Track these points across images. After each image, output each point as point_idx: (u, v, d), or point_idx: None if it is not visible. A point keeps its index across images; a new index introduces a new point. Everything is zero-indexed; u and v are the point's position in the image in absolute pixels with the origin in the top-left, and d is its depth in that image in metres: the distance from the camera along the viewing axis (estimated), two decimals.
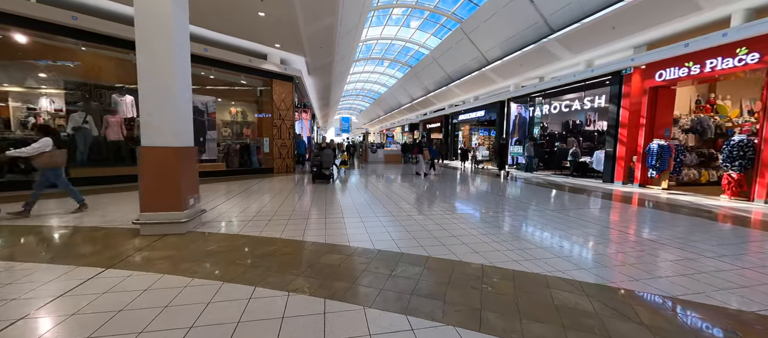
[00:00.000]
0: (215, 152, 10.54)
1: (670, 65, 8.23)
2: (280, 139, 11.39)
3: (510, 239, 3.79)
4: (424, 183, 9.49)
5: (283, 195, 6.63)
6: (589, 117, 16.34)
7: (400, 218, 4.77)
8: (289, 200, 6.10)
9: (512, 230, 4.26)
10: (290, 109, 11.59)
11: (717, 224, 4.86)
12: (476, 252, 3.32)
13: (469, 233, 4.02)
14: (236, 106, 13.22)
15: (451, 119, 22.64)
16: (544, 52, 11.46)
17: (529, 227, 4.47)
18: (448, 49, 16.65)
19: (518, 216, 5.18)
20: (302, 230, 4.04)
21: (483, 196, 7.20)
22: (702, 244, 3.72)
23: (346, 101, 44.85)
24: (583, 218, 5.05)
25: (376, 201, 6.12)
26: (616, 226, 4.63)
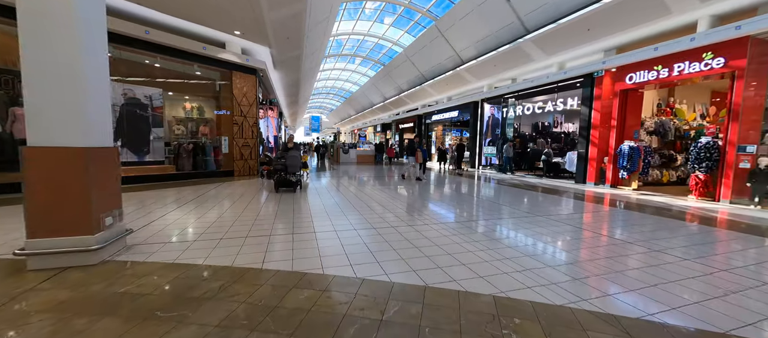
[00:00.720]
0: (162, 153, 9.14)
1: (640, 68, 8.40)
2: (241, 139, 10.20)
3: (510, 253, 3.28)
4: (407, 187, 8.91)
5: (242, 204, 5.65)
6: (557, 119, 16.88)
7: (383, 231, 4.09)
8: (249, 211, 5.16)
9: (510, 242, 3.77)
10: (253, 105, 10.44)
11: (715, 229, 4.78)
12: (479, 275, 2.74)
13: (466, 249, 3.45)
14: (192, 101, 11.76)
15: (425, 119, 22.41)
16: (519, 52, 11.42)
17: (529, 238, 4.01)
18: (423, 47, 16.29)
19: (513, 225, 4.74)
20: (263, 253, 3.22)
21: (468, 201, 6.76)
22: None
23: (316, 99, 43.29)
24: (583, 227, 4.72)
25: (353, 211, 5.39)
26: (621, 237, 4.34)
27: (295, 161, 6.98)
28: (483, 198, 7.09)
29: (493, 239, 3.88)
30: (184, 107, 12.02)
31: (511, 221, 4.89)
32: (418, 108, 23.30)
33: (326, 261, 3.02)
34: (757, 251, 3.62)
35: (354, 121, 44.34)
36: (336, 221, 4.58)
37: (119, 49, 8.07)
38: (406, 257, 3.17)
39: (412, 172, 10.63)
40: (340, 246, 3.46)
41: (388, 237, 3.84)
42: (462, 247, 3.51)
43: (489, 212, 5.55)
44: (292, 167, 6.92)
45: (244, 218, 4.63)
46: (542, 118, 16.77)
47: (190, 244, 3.43)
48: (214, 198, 6.26)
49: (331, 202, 6.05)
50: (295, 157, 6.99)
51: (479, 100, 15.86)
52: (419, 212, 5.41)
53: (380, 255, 3.20)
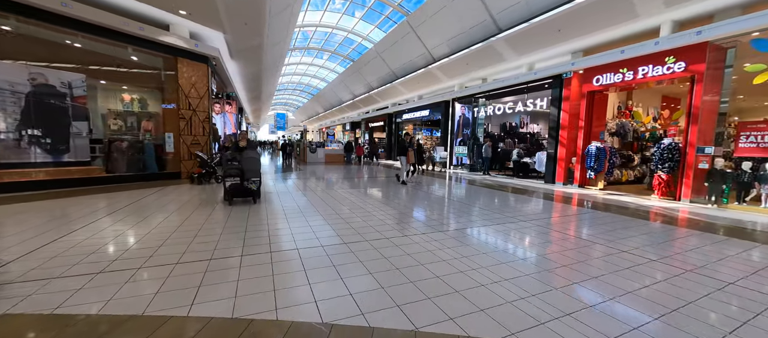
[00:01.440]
0: (87, 151, 7.63)
1: (607, 71, 8.56)
2: (190, 136, 8.91)
3: (507, 273, 2.80)
4: (384, 191, 8.28)
5: (181, 217, 4.64)
6: (523, 119, 17.32)
7: (358, 248, 3.43)
8: (188, 227, 4.18)
9: (504, 257, 3.31)
10: (204, 98, 9.18)
11: (685, 230, 4.73)
12: (479, 307, 2.20)
13: (456, 269, 2.91)
14: (131, 92, 10.15)
15: (395, 118, 21.99)
16: (491, 51, 11.31)
17: (527, 252, 3.58)
18: (393, 43, 15.78)
19: (503, 235, 4.31)
20: (194, 289, 2.40)
21: (449, 206, 6.31)
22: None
23: (281, 96, 41.19)
24: (586, 237, 4.42)
25: (321, 221, 4.65)
26: (623, 244, 4.08)
27: (253, 164, 5.53)
28: (461, 201, 6.70)
29: (484, 253, 3.39)
30: (122, 99, 10.41)
31: (501, 230, 4.48)
32: (389, 106, 22.84)
33: (283, 298, 2.29)
34: (715, 247, 3.51)
35: (322, 119, 42.89)
36: (300, 236, 3.83)
37: (26, 23, 6.53)
38: (387, 284, 2.54)
39: (407, 173, 9.71)
40: (302, 274, 2.73)
41: (365, 256, 3.19)
42: (451, 267, 2.96)
43: (472, 217, 5.12)
44: (250, 172, 5.52)
45: (179, 237, 3.70)
46: (510, 119, 17.11)
47: (89, 280, 2.50)
48: (147, 208, 5.15)
49: (295, 211, 5.25)
50: (254, 159, 5.56)
51: (450, 100, 15.72)
52: (400, 221, 4.82)
53: (354, 284, 2.54)
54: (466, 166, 15.06)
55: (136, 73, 9.32)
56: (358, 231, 4.09)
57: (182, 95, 8.63)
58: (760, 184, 6.25)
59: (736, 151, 6.65)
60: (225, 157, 5.50)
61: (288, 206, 5.49)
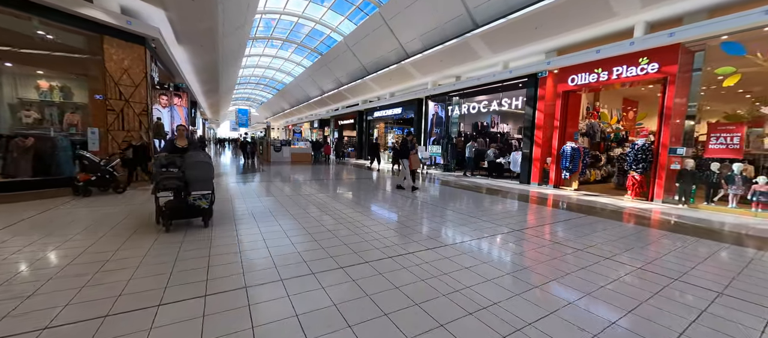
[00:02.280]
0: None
1: (582, 70, 8.50)
2: (123, 131, 7.41)
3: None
4: (359, 193, 7.45)
5: (78, 248, 3.45)
6: (494, 119, 17.41)
7: (342, 295, 2.62)
8: (75, 271, 3.05)
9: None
10: (142, 86, 7.71)
11: (664, 232, 4.51)
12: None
13: (479, 304, 2.23)
14: (50, 78, 8.34)
15: (366, 116, 21.20)
16: (466, 48, 10.95)
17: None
18: (365, 36, 14.96)
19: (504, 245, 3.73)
20: None
21: (423, 211, 5.68)
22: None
23: (243, 90, 38.47)
24: (596, 251, 3.96)
25: (295, 258, 3.75)
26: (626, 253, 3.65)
27: (202, 171, 3.89)
28: (442, 205, 6.12)
29: (485, 262, 2.76)
30: (38, 86, 8.56)
31: (504, 242, 3.90)
32: (359, 103, 21.99)
33: None
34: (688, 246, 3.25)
35: (288, 116, 40.79)
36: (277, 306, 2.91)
37: None
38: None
39: (406, 181, 7.96)
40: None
41: (348, 296, 2.39)
42: (475, 301, 2.27)
43: (457, 223, 4.53)
44: (197, 183, 3.87)
45: (73, 276, 2.60)
46: (481, 118, 17.13)
47: None
48: (36, 231, 3.85)
49: (259, 244, 4.27)
50: (203, 165, 3.93)
51: (424, 97, 15.28)
52: (383, 235, 4.06)
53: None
54: (439, 166, 14.71)
55: (54, 56, 7.61)
56: (341, 265, 3.26)
57: (110, 82, 7.12)
58: (727, 185, 6.39)
59: (706, 152, 6.77)
60: (158, 162, 3.90)
61: (253, 238, 4.41)
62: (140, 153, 7.07)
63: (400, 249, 3.48)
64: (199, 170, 3.92)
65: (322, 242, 3.61)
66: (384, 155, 18.89)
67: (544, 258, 3.33)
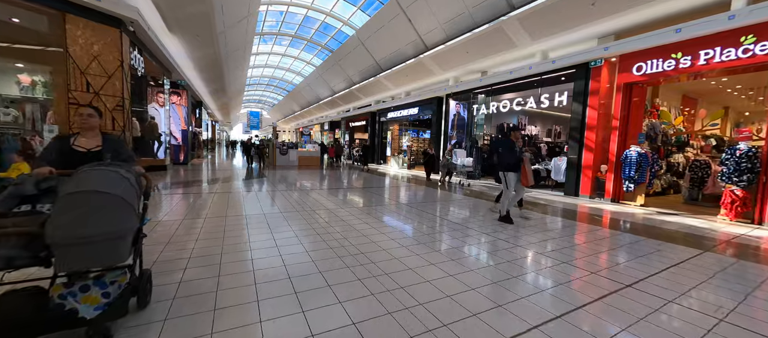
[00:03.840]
0: None
1: (654, 56, 6.76)
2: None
3: None
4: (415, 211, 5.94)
5: None
6: (521, 120, 15.65)
7: None
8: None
9: None
10: (117, 78, 6.46)
11: None
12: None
13: None
14: (33, 73, 7.43)
15: (379, 117, 19.76)
16: (499, 35, 9.32)
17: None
18: (379, 28, 13.55)
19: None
20: None
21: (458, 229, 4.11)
22: None
23: (254, 91, 37.86)
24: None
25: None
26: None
27: (95, 217, 1.57)
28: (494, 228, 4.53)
29: None
30: (19, 81, 7.57)
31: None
32: (372, 104, 20.59)
33: None
34: None
35: (298, 118, 39.92)
36: None
37: None
38: None
39: (505, 203, 5.02)
40: None
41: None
42: None
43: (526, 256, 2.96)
44: (75, 247, 1.53)
45: None
46: (506, 119, 15.40)
47: None
48: None
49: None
50: (97, 198, 1.60)
51: (444, 96, 13.71)
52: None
53: None
54: (461, 173, 13.04)
55: (34, 48, 6.57)
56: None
57: (75, 71, 5.87)
58: None
59: None
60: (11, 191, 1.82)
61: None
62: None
63: (421, 260, 1.94)
64: (84, 211, 1.56)
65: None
66: (399, 159, 17.37)
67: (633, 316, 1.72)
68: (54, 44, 5.85)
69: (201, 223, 4.26)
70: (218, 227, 4.11)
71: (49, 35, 6.05)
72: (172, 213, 4.84)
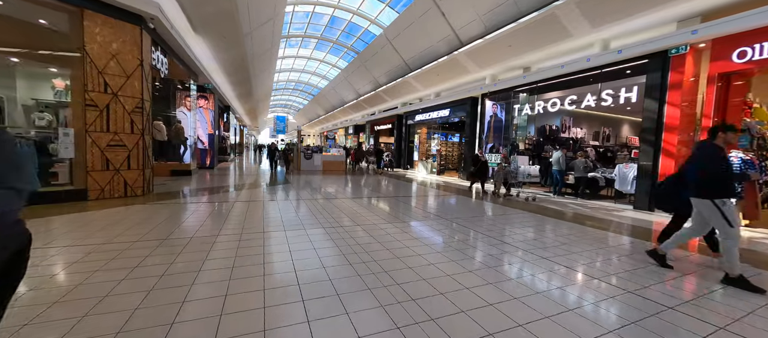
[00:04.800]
0: None
1: (763, 38, 5.36)
2: (107, 133, 5.78)
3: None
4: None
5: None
6: (565, 121, 14.15)
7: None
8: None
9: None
10: (136, 77, 6.08)
11: None
12: None
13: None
14: (66, 77, 7.34)
15: (406, 120, 18.89)
16: (551, 24, 8.14)
17: None
18: (408, 25, 12.72)
19: None
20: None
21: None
22: None
23: (280, 96, 38.43)
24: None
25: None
26: None
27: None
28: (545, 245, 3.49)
29: None
30: (53, 86, 7.50)
31: None
32: (398, 106, 19.77)
33: None
34: None
35: (323, 122, 39.99)
36: None
37: None
38: None
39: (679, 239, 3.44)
40: None
41: None
42: None
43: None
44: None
45: None
46: (549, 120, 13.99)
47: None
48: None
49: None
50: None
51: (479, 96, 12.59)
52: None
53: None
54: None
55: (64, 52, 6.35)
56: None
57: (91, 68, 5.52)
58: None
59: None
60: None
61: None
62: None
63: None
64: None
65: None
66: (427, 164, 16.36)
67: None
68: (74, 48, 5.50)
69: (224, 241, 3.58)
70: (232, 243, 3.40)
71: (72, 37, 5.76)
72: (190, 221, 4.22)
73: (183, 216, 4.79)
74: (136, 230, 3.90)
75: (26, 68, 7.17)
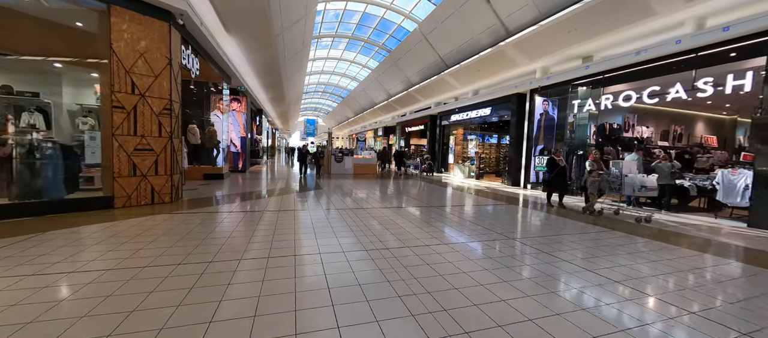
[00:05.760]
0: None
1: None
2: (135, 136, 5.44)
3: None
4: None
5: None
6: (628, 119, 12.33)
7: None
8: None
9: None
10: (164, 77, 5.72)
11: None
12: None
13: None
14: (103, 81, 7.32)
15: (440, 120, 17.79)
16: (629, 0, 6.78)
17: None
18: (447, 17, 11.73)
19: None
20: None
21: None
22: None
23: (310, 99, 38.85)
24: None
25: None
26: None
27: None
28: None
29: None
30: (96, 91, 7.51)
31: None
32: (432, 106, 18.72)
33: None
34: None
35: (352, 125, 39.80)
36: None
37: None
38: None
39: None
40: None
41: None
42: None
43: None
44: None
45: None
46: (609, 118, 12.27)
47: None
48: None
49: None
50: None
51: (527, 91, 11.26)
52: None
53: None
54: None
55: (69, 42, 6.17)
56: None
57: (119, 70, 5.19)
58: None
59: None
60: None
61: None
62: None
63: None
64: None
65: None
66: (465, 168, 15.17)
67: None
68: (100, 45, 5.21)
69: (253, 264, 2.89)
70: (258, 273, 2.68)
71: (100, 37, 5.51)
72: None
73: (210, 228, 4.22)
74: (163, 240, 3.34)
75: (71, 74, 7.17)
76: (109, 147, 5.18)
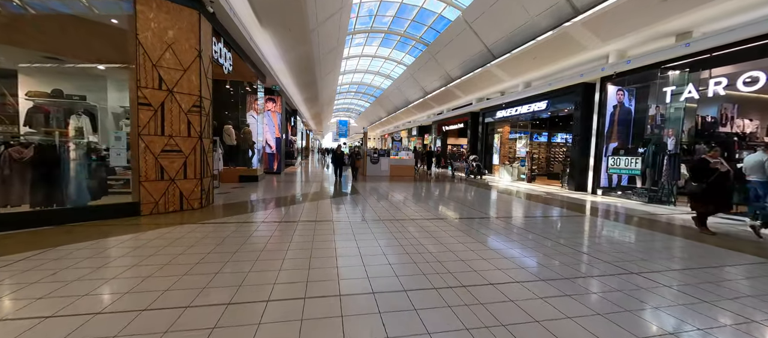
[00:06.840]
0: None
1: None
2: (162, 136, 4.93)
3: None
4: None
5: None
6: (725, 110, 10.10)
7: None
8: None
9: None
10: (193, 71, 5.18)
11: None
12: None
13: None
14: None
15: (483, 117, 16.29)
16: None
17: None
18: (496, 1, 10.38)
19: None
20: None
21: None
22: None
23: (342, 100, 38.77)
24: None
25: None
26: None
27: None
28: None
29: None
30: None
31: None
32: (473, 102, 17.27)
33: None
34: None
35: (384, 125, 39.06)
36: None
37: None
38: None
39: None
40: None
41: None
42: None
43: None
44: None
45: None
46: (701, 110, 10.14)
47: None
48: None
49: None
50: None
51: (597, 80, 9.57)
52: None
53: None
54: (636, 192, 8.64)
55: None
56: None
57: (146, 63, 4.69)
58: None
59: None
60: None
61: None
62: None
63: None
64: None
65: None
66: (513, 170, 13.61)
67: None
68: (126, 38, 4.75)
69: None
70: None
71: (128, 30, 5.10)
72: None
73: (239, 241, 3.48)
74: (197, 248, 2.62)
75: (115, 77, 6.99)
76: (136, 148, 4.70)
